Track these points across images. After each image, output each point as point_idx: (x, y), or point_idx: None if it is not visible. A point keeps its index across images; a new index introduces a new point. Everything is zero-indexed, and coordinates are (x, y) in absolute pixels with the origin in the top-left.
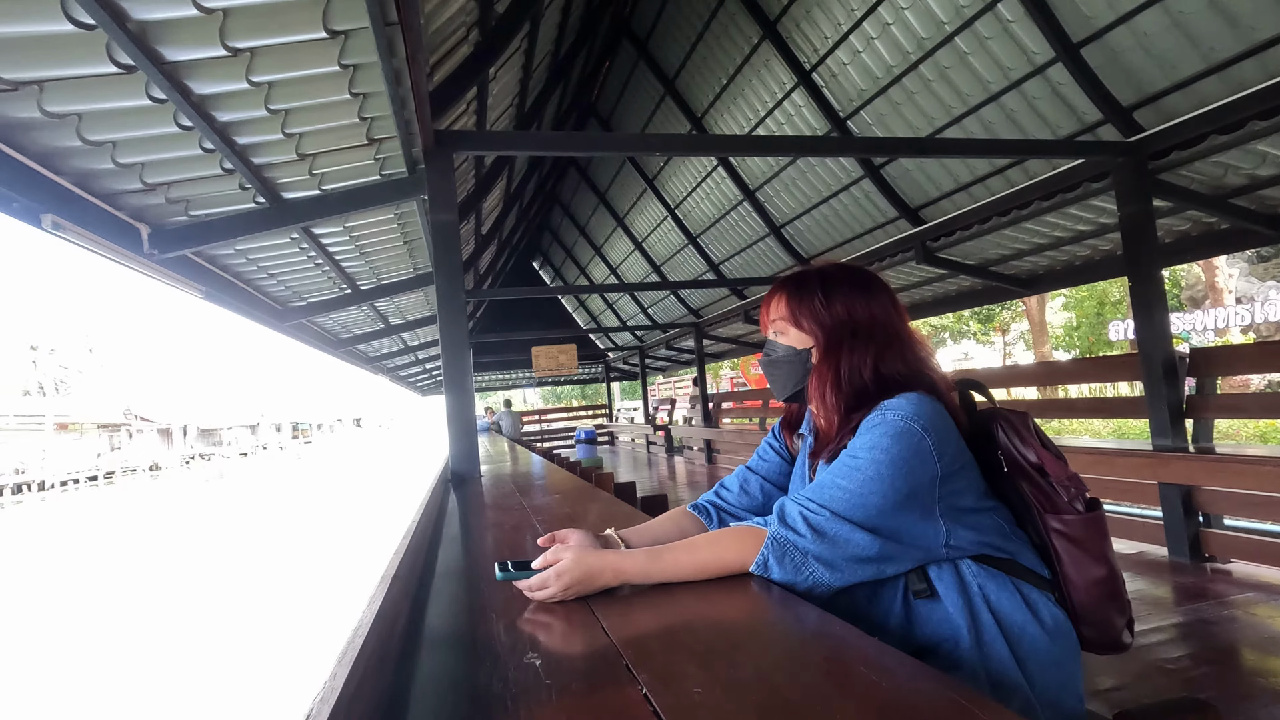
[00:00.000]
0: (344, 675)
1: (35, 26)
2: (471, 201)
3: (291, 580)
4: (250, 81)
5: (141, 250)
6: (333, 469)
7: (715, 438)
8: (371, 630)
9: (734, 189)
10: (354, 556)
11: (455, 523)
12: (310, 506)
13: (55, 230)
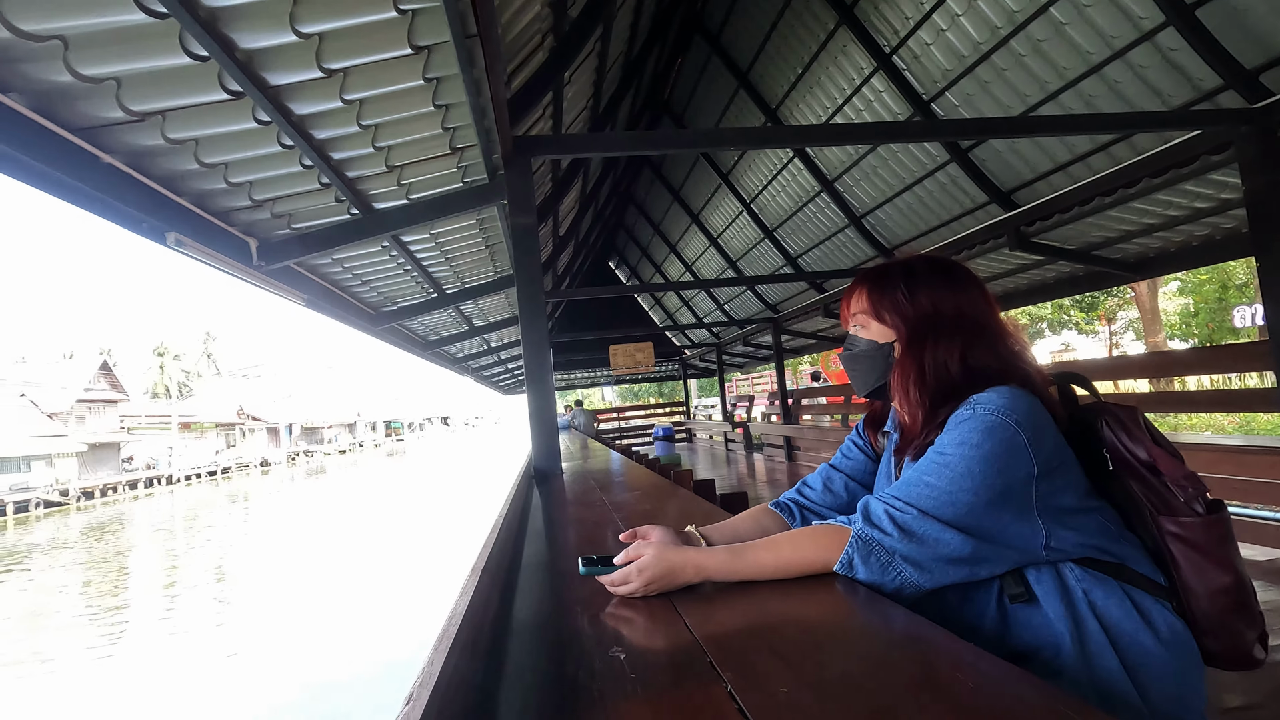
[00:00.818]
0: (440, 661)
1: (157, 61)
2: (549, 204)
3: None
4: (344, 100)
5: (251, 262)
6: (421, 463)
7: (796, 435)
8: (465, 619)
9: (811, 180)
10: (438, 534)
11: (539, 517)
12: (400, 496)
13: (178, 247)
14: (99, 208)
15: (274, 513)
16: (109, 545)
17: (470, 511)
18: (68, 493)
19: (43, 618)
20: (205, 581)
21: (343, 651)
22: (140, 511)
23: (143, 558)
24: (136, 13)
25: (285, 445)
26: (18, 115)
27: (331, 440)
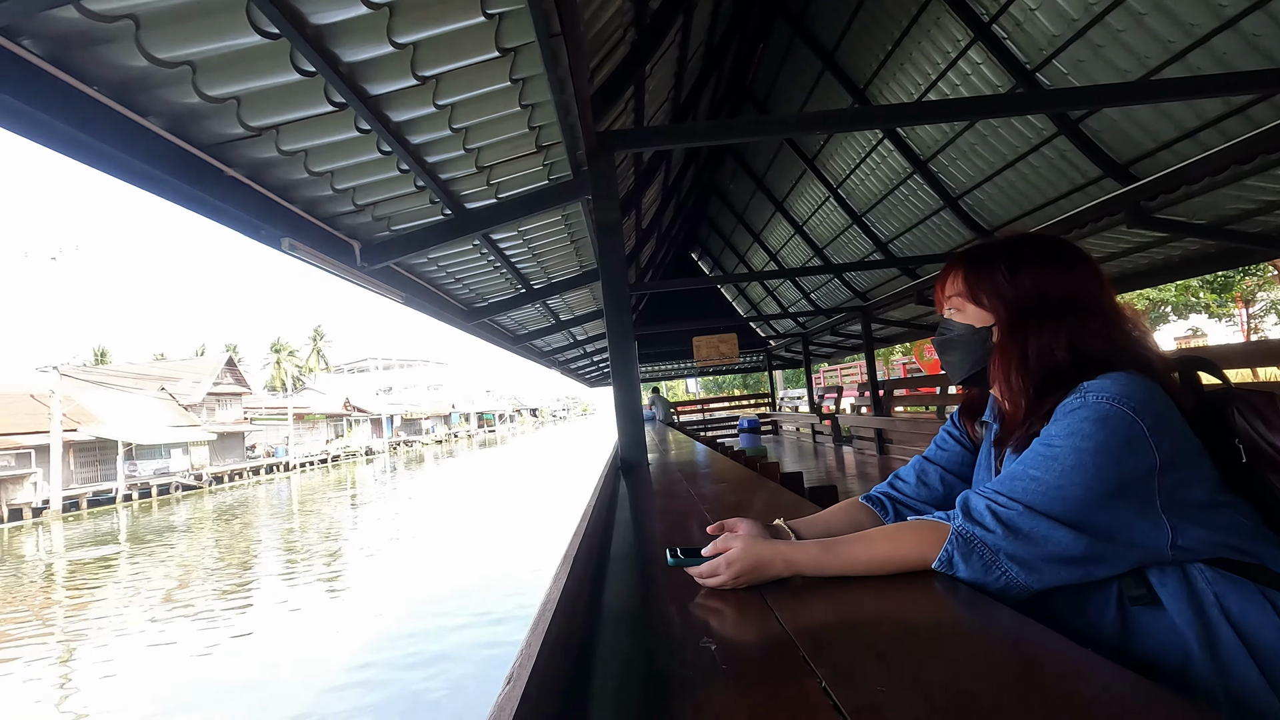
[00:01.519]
0: (537, 645)
1: (271, 79)
2: (632, 197)
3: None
4: (436, 105)
5: (355, 263)
6: (510, 451)
7: (887, 427)
8: (559, 604)
9: (902, 161)
10: (524, 509)
11: (626, 508)
12: (492, 478)
13: (291, 251)
14: (224, 217)
15: (387, 494)
16: (255, 519)
17: (552, 489)
18: (201, 477)
19: (235, 572)
20: (344, 550)
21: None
22: (266, 494)
23: (290, 530)
24: (253, 35)
25: (387, 435)
26: (155, 136)
27: (428, 431)
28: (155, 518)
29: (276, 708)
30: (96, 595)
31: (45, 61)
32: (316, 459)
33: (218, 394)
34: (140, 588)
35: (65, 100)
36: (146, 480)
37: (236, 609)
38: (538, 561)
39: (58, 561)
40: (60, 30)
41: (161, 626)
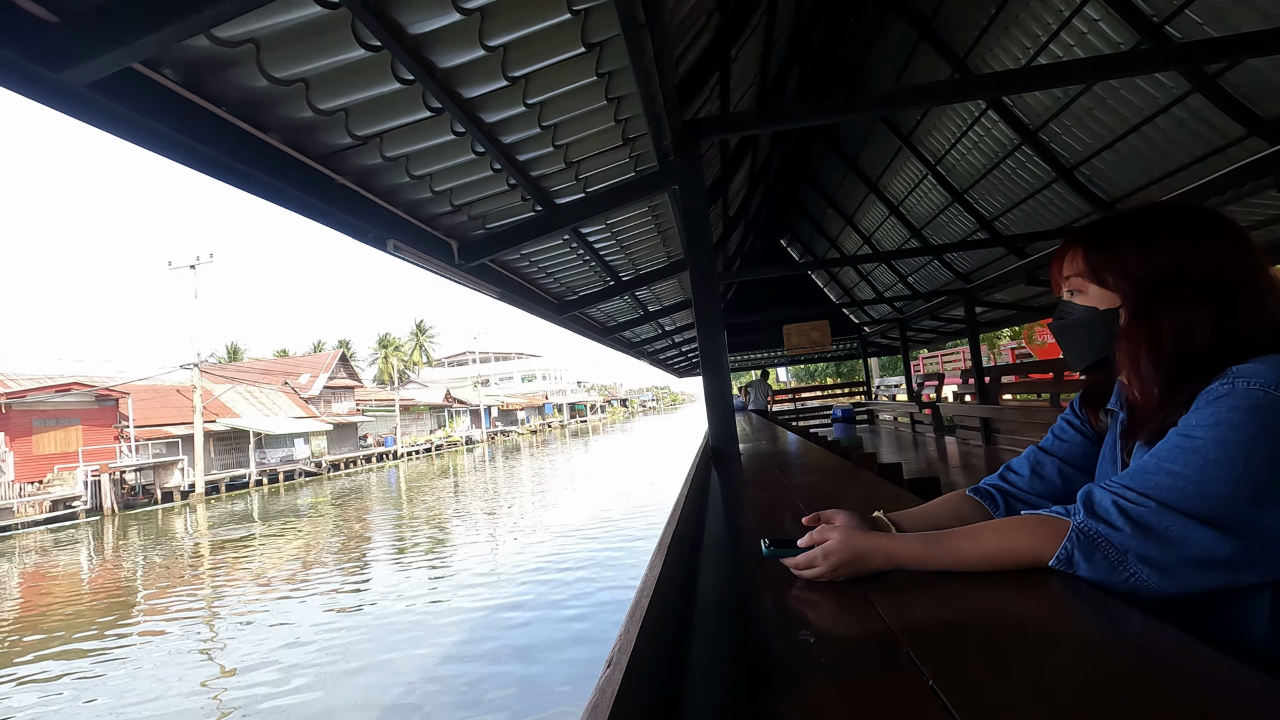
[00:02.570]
0: (635, 630)
1: (375, 90)
2: (719, 185)
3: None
4: (526, 104)
5: (453, 261)
6: (601, 440)
7: (994, 416)
8: (655, 592)
9: (1009, 133)
10: (615, 489)
11: (718, 498)
12: (589, 463)
13: (396, 252)
14: (335, 222)
15: (489, 477)
16: (380, 500)
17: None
18: (320, 465)
19: (383, 539)
20: (471, 522)
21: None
22: (378, 480)
23: (414, 507)
24: (358, 49)
25: (485, 426)
26: (274, 149)
27: (523, 421)
28: (288, 500)
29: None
30: (248, 566)
31: (181, 87)
32: (421, 448)
33: (333, 387)
34: (291, 557)
35: (198, 121)
36: (274, 467)
37: (396, 566)
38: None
39: (206, 539)
40: (193, 58)
41: (329, 586)
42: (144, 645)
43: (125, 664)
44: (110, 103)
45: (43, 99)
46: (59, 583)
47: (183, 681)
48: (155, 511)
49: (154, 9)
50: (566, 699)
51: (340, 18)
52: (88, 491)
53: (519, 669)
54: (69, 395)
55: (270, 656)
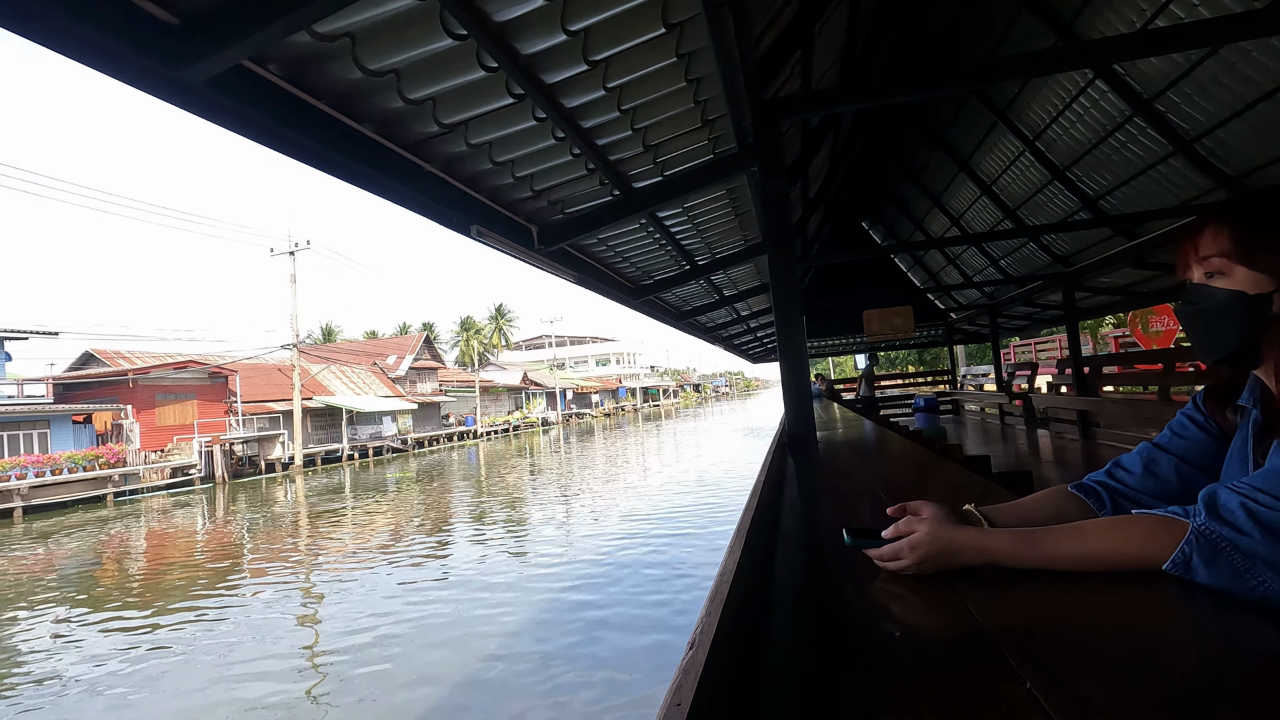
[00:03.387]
0: (716, 614)
1: (461, 78)
2: (799, 166)
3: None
4: (606, 88)
5: (533, 246)
6: (673, 424)
7: (1094, 409)
8: (735, 578)
9: (1119, 103)
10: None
11: (794, 487)
12: (649, 451)
13: (479, 237)
14: (422, 208)
15: (566, 457)
16: (466, 476)
17: (711, 459)
18: (406, 442)
19: (469, 510)
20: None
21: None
22: (459, 457)
23: (509, 481)
24: (445, 39)
25: (560, 408)
26: (367, 138)
27: (597, 404)
28: (377, 474)
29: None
30: (343, 534)
31: (284, 81)
32: (499, 428)
33: (418, 368)
34: (381, 527)
35: (298, 113)
36: (364, 443)
37: (477, 539)
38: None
39: (304, 508)
40: (295, 53)
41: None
42: (249, 603)
43: (233, 619)
44: (223, 98)
45: (165, 96)
46: (180, 542)
47: (281, 641)
48: (260, 481)
49: (263, 7)
50: (642, 674)
51: (429, 8)
52: (202, 461)
53: (594, 646)
54: (185, 373)
55: (360, 621)
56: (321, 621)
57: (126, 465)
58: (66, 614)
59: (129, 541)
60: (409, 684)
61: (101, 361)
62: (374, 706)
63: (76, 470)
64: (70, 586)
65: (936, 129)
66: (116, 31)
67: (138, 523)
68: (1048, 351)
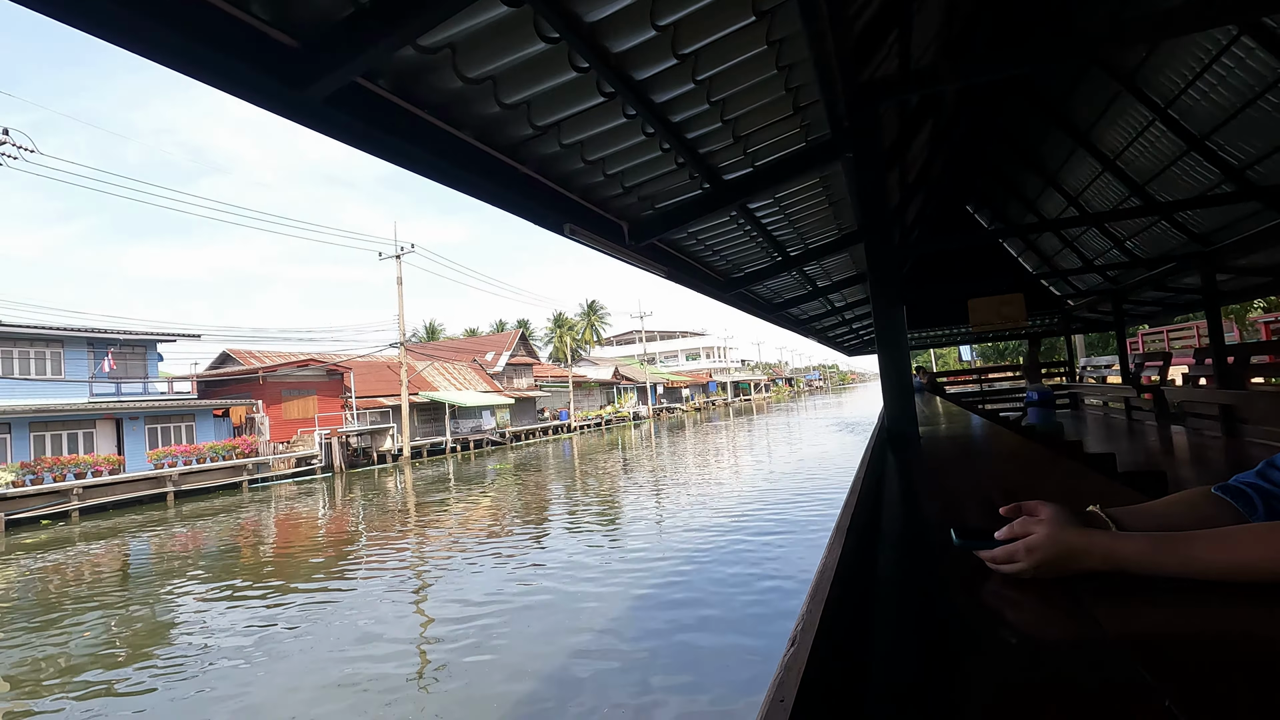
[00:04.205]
0: (818, 612)
1: (554, 80)
2: (897, 150)
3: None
4: (695, 81)
5: (624, 242)
6: (764, 417)
7: (1240, 403)
8: (835, 575)
9: (1269, 60)
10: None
11: (895, 484)
12: (740, 445)
13: (572, 235)
14: (517, 209)
15: (657, 450)
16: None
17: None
18: (504, 435)
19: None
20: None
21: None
22: (554, 450)
23: (601, 471)
24: (539, 43)
25: (651, 402)
26: (466, 144)
27: (688, 399)
28: (478, 466)
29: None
30: (449, 521)
31: (390, 93)
32: (592, 422)
33: (514, 364)
34: (485, 515)
35: (403, 122)
36: (466, 436)
37: (575, 528)
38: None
39: (413, 497)
40: (400, 66)
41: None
42: (365, 585)
43: (350, 600)
44: (340, 114)
45: (288, 114)
46: (306, 527)
47: (393, 622)
48: (373, 471)
49: (374, 26)
50: (734, 670)
51: (523, 14)
52: (322, 452)
53: (686, 640)
54: (307, 370)
55: (463, 609)
56: (429, 603)
57: (258, 455)
58: (212, 589)
59: (263, 525)
60: (508, 673)
61: (236, 361)
62: (473, 690)
63: (217, 459)
64: (215, 564)
65: (1050, 102)
66: (246, 57)
67: (269, 508)
68: (1183, 340)
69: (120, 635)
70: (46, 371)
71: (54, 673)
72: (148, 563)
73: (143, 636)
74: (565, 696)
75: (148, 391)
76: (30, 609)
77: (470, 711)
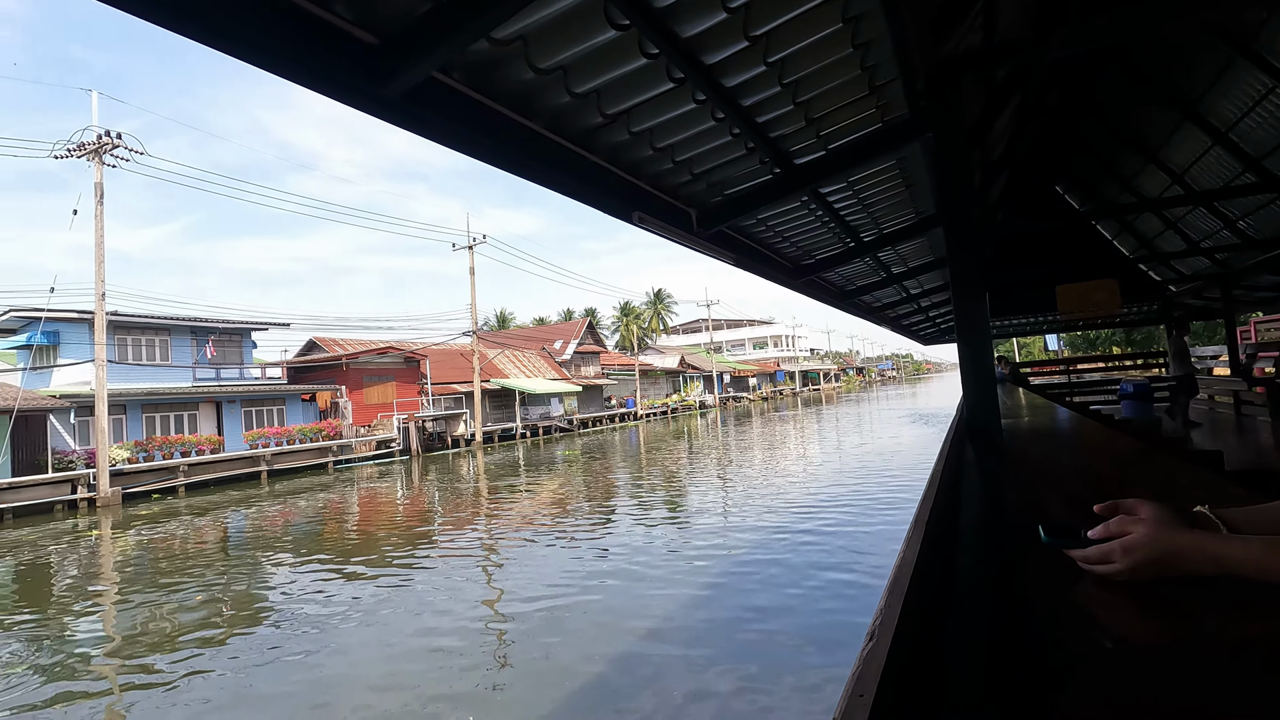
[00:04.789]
0: (897, 606)
1: (623, 68)
2: (979, 127)
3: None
4: (767, 63)
5: (692, 230)
6: (834, 410)
7: None
8: (915, 570)
9: None
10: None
11: (975, 477)
12: (809, 434)
13: (640, 223)
14: (586, 197)
15: (723, 439)
16: (630, 455)
17: (873, 445)
18: (572, 422)
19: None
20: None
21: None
22: (621, 438)
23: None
24: (609, 30)
25: (717, 391)
26: (537, 133)
27: (755, 388)
28: (547, 452)
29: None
30: (520, 503)
31: (464, 86)
32: (658, 410)
33: (582, 352)
34: (554, 499)
35: (476, 114)
36: (535, 422)
37: (642, 515)
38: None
39: (485, 480)
40: (474, 60)
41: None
42: (441, 564)
43: (429, 574)
44: (419, 109)
45: (369, 110)
46: (386, 507)
47: (468, 598)
48: (447, 455)
49: (450, 20)
50: (805, 663)
51: (594, 3)
52: (400, 435)
53: (757, 627)
54: (386, 358)
55: (533, 588)
56: (501, 581)
57: (342, 438)
58: (303, 562)
59: (348, 504)
60: (578, 654)
61: (321, 348)
62: (543, 666)
63: (306, 441)
64: (306, 539)
65: (1153, 71)
66: (331, 56)
67: (353, 488)
68: None
69: (223, 600)
70: (155, 358)
71: (169, 630)
72: (245, 536)
73: (242, 602)
74: (634, 680)
75: (243, 377)
76: (149, 574)
77: (542, 687)
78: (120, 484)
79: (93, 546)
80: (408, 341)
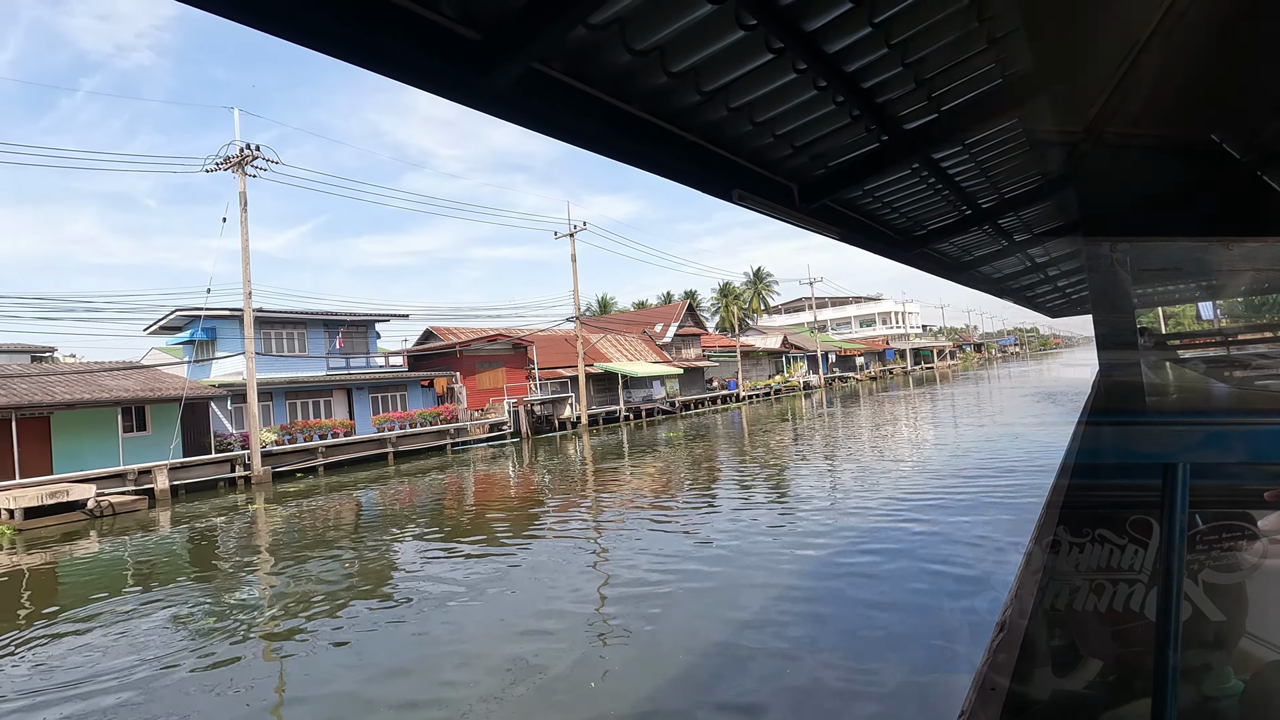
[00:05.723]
0: (1029, 599)
1: (720, 43)
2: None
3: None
4: (872, 24)
5: (795, 205)
6: (949, 390)
7: None
8: (1046, 561)
9: None
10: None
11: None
12: (921, 417)
13: (740, 201)
14: (684, 176)
15: (829, 421)
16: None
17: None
18: (674, 404)
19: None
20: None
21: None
22: (723, 420)
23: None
24: (705, 5)
25: (822, 371)
26: (634, 116)
27: (862, 367)
28: (650, 434)
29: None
30: (625, 484)
31: (562, 74)
32: (760, 391)
33: (682, 335)
34: (657, 481)
35: (575, 101)
36: (638, 405)
37: (746, 498)
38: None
39: (592, 462)
40: (571, 47)
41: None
42: (553, 543)
43: (539, 554)
44: (521, 99)
45: (474, 104)
46: (500, 487)
47: (576, 577)
48: (555, 437)
49: (549, 11)
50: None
51: None
52: (510, 419)
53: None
54: (496, 344)
55: (639, 569)
56: (607, 563)
57: (457, 421)
58: (428, 537)
59: (465, 483)
60: (680, 639)
61: (437, 337)
62: (646, 651)
63: (426, 425)
64: (429, 517)
65: None
66: (438, 54)
67: (470, 469)
68: None
69: (359, 569)
70: (295, 349)
71: (313, 597)
72: (377, 513)
73: (376, 572)
74: (736, 668)
75: (370, 365)
76: (297, 545)
77: (644, 670)
78: (270, 464)
79: (251, 518)
80: (515, 329)
